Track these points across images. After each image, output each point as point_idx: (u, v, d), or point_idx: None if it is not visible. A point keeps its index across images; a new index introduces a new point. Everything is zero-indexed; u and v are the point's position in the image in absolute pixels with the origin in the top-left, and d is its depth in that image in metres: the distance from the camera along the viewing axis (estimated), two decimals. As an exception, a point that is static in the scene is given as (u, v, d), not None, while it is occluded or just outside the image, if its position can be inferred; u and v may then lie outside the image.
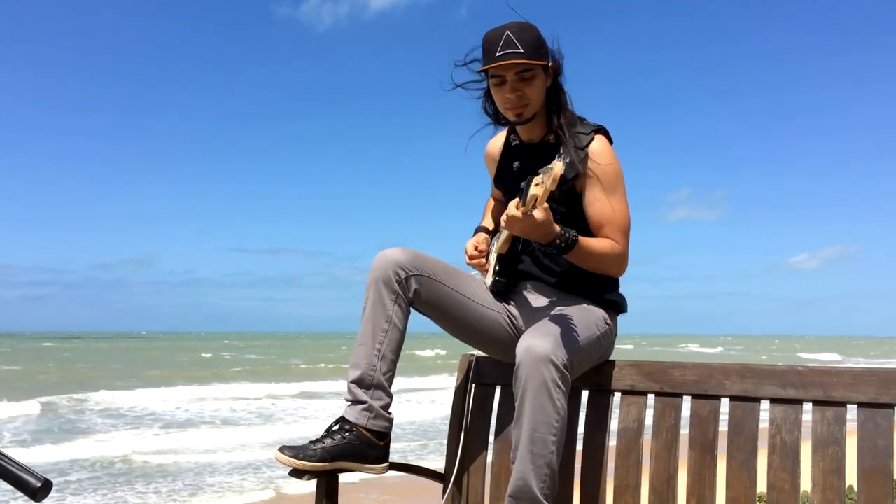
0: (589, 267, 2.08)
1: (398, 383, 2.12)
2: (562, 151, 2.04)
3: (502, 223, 1.94)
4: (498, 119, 2.23)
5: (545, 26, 2.10)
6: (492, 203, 2.49)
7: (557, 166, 1.72)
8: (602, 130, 2.13)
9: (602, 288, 2.17)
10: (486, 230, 2.36)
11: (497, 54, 2.03)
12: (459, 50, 2.13)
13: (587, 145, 2.08)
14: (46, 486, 0.88)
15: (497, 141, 2.35)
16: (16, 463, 0.88)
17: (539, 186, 1.74)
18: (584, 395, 2.18)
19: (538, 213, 1.83)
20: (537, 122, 2.16)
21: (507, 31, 2.04)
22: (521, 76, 2.05)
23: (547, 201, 1.81)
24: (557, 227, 1.92)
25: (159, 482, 8.16)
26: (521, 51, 2.02)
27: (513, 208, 1.85)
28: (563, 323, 1.98)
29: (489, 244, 2.32)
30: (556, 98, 2.14)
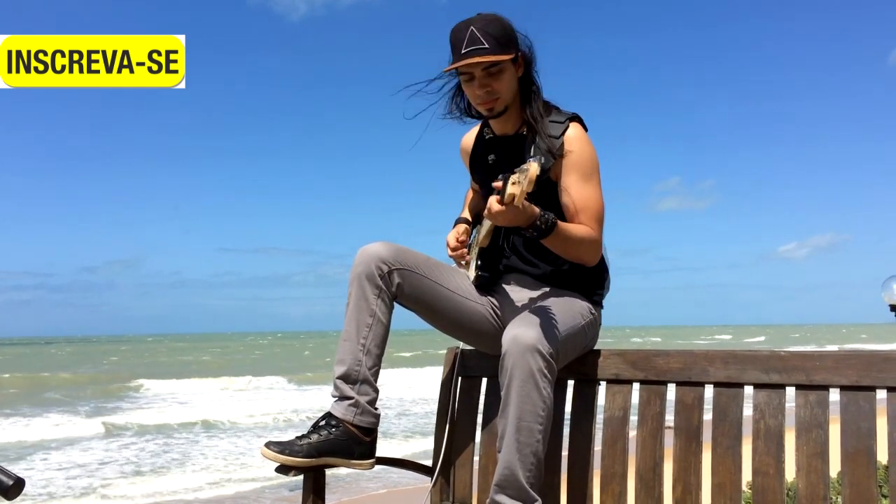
0: (565, 253, 2.06)
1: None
2: (533, 152, 2.05)
3: (485, 216, 1.93)
4: (470, 112, 2.23)
5: (520, 16, 2.07)
6: (471, 194, 2.48)
7: (533, 168, 1.71)
8: (576, 118, 2.13)
9: (586, 280, 2.17)
10: (466, 221, 2.36)
11: (462, 51, 2.02)
12: (439, 38, 2.12)
13: (562, 133, 2.08)
14: (19, 485, 0.87)
15: (471, 135, 2.35)
16: None
17: (516, 185, 1.74)
18: (570, 384, 2.18)
19: (517, 204, 1.80)
20: (511, 114, 2.15)
21: (472, 27, 2.02)
22: (489, 71, 2.05)
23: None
24: (537, 210, 1.90)
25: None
26: (486, 46, 2.01)
27: (494, 203, 1.84)
28: (549, 313, 1.98)
29: (469, 235, 2.32)
30: (527, 88, 2.13)
